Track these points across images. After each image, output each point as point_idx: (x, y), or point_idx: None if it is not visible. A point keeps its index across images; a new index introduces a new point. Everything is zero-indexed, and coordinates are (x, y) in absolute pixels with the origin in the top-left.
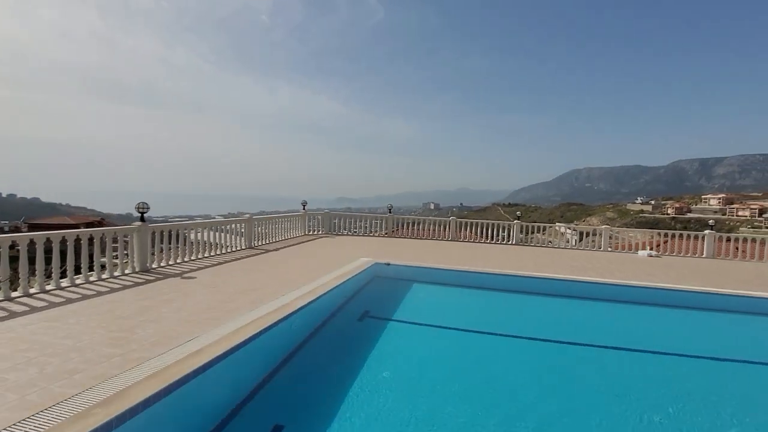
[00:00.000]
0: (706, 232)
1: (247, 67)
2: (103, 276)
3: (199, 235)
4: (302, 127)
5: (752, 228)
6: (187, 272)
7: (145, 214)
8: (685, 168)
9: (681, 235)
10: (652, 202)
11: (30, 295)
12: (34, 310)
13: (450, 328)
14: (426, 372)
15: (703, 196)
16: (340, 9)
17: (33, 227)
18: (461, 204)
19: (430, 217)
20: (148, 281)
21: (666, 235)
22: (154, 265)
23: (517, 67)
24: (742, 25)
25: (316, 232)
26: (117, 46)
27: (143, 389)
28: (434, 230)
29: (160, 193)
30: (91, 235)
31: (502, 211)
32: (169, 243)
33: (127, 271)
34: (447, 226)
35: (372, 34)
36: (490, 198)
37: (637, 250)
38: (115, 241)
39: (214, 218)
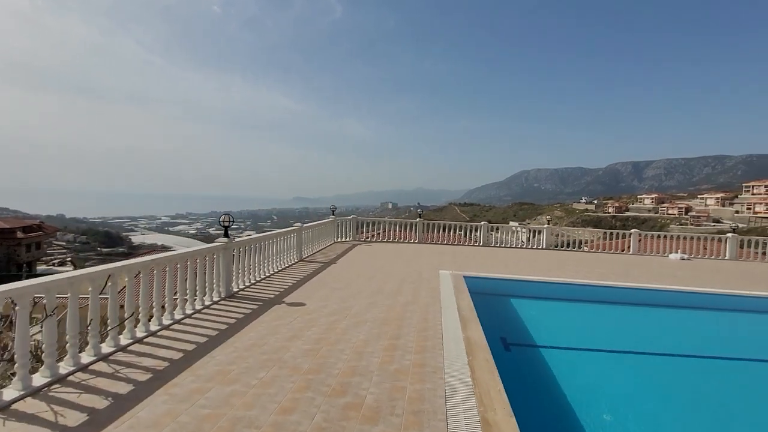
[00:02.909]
0: (729, 235)
1: (197, 59)
2: (196, 306)
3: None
4: (256, 124)
5: (680, 225)
6: (279, 295)
7: (228, 229)
8: (620, 170)
9: (706, 238)
10: (595, 201)
11: (140, 341)
12: (175, 365)
13: (605, 351)
14: (636, 406)
15: (639, 196)
16: (296, 3)
17: None
18: (419, 203)
19: (461, 222)
20: (254, 311)
21: (692, 238)
22: (235, 288)
23: (472, 72)
24: (669, 35)
25: (344, 239)
26: (44, 31)
27: None
28: (462, 235)
29: (95, 192)
30: (187, 259)
31: (458, 210)
32: (246, 260)
33: (215, 298)
34: (478, 231)
35: (329, 32)
36: (446, 197)
37: (666, 253)
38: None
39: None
